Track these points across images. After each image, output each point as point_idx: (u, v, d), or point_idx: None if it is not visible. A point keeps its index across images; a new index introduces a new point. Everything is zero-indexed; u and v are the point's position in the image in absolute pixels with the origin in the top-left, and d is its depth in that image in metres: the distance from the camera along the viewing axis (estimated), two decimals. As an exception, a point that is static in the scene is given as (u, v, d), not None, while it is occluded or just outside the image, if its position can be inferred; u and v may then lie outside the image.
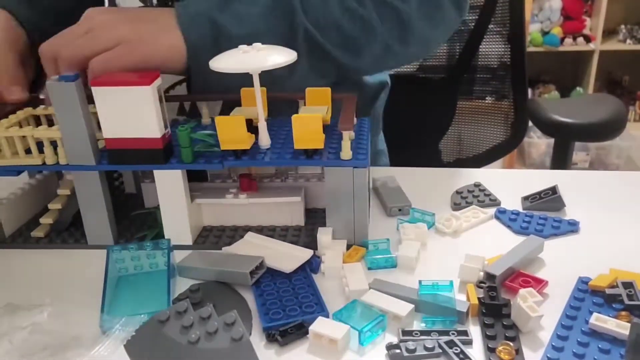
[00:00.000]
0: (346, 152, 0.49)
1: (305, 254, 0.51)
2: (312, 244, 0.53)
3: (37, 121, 0.61)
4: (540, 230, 0.55)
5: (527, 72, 0.95)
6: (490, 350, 0.40)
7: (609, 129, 0.93)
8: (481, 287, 0.45)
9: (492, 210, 0.59)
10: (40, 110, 0.60)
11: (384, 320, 0.42)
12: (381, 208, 0.61)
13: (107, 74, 0.50)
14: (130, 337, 0.40)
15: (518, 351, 0.39)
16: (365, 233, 0.53)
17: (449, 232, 0.56)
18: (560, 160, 0.97)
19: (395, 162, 0.70)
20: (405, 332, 0.42)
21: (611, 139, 1.01)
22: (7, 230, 0.58)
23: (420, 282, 0.45)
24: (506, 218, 0.58)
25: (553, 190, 0.60)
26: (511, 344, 0.39)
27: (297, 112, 0.62)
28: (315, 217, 0.59)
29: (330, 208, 0.52)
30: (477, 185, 0.64)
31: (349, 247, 0.53)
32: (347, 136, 0.49)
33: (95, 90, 0.47)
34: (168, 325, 0.40)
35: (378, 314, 0.43)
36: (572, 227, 0.55)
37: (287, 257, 0.50)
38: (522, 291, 0.43)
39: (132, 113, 0.48)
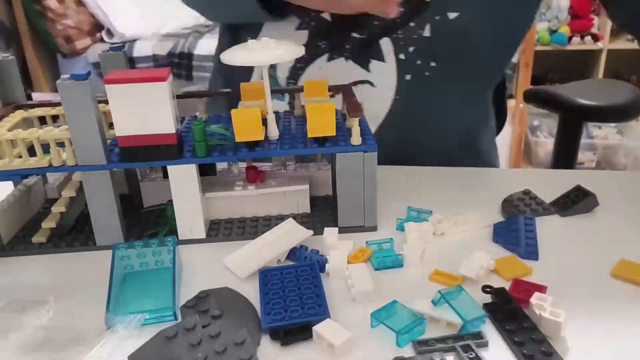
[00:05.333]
0: (356, 138, 0.54)
1: (304, 233, 0.55)
2: (320, 230, 0.57)
3: (29, 124, 0.64)
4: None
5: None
6: (528, 357, 0.41)
7: (624, 110, 1.01)
8: (487, 292, 0.48)
9: (490, 222, 0.60)
10: (32, 112, 0.63)
11: (423, 323, 0.44)
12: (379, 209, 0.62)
13: (119, 72, 0.53)
14: (135, 351, 0.42)
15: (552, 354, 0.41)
16: (374, 216, 0.59)
17: (437, 233, 0.58)
18: (567, 147, 1.04)
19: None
20: (421, 342, 0.43)
21: (626, 120, 1.09)
22: (5, 237, 0.60)
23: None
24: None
25: (580, 189, 0.62)
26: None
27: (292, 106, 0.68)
28: (318, 204, 0.64)
29: (341, 192, 0.57)
30: (526, 193, 0.65)
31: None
32: (357, 122, 0.54)
33: (109, 88, 0.50)
34: (175, 342, 0.42)
35: (417, 316, 0.45)
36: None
37: (285, 241, 0.54)
38: (533, 301, 0.45)
39: (147, 110, 0.51)
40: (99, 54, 0.61)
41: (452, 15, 0.70)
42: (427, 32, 0.70)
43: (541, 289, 0.48)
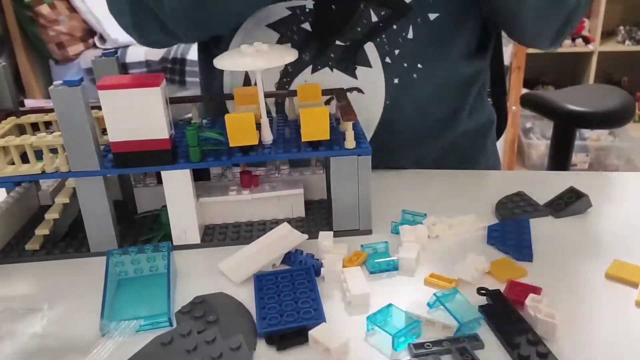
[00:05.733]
0: (350, 142, 0.55)
1: (298, 237, 0.55)
2: (314, 233, 0.57)
3: (22, 131, 0.63)
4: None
5: (504, 69, 1.03)
6: (524, 358, 0.41)
7: (617, 116, 1.02)
8: (482, 294, 0.49)
9: (484, 225, 0.60)
10: (24, 118, 0.63)
11: (419, 326, 0.44)
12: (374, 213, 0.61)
13: (112, 77, 0.53)
14: (130, 357, 0.42)
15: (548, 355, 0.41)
16: (369, 220, 0.59)
17: (432, 236, 0.58)
18: (561, 152, 1.05)
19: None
20: (417, 346, 0.43)
21: (618, 126, 1.11)
22: (-2, 245, 0.60)
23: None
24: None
25: (573, 191, 0.63)
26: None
27: (283, 109, 0.68)
28: (312, 208, 0.64)
29: (336, 196, 0.57)
30: (520, 195, 0.65)
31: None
32: (350, 126, 0.54)
33: (102, 94, 0.50)
34: (171, 348, 0.42)
35: (413, 319, 0.44)
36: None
37: (280, 246, 0.55)
38: (528, 302, 0.45)
39: (141, 115, 0.51)
40: (92, 59, 0.61)
41: (432, 16, 0.70)
42: (410, 35, 0.70)
43: (536, 290, 0.48)
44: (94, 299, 0.49)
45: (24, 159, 0.56)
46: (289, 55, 0.53)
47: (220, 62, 0.52)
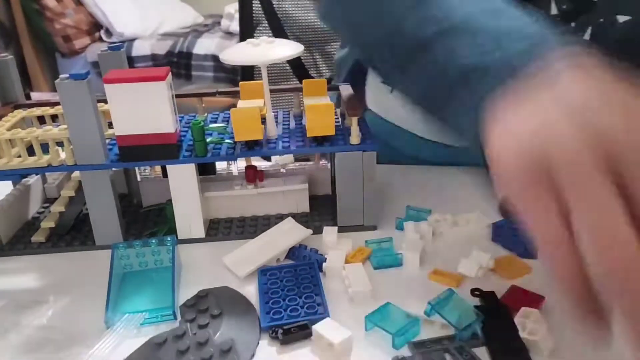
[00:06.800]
0: (355, 137, 0.55)
1: (303, 232, 0.56)
2: (319, 229, 0.57)
3: (28, 124, 0.64)
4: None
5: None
6: None
7: None
8: (476, 296, 0.47)
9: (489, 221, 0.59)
10: (31, 111, 0.63)
11: (418, 324, 0.44)
12: (379, 208, 0.62)
13: (118, 71, 0.53)
14: (125, 358, 0.42)
15: None
16: (374, 215, 0.59)
17: (436, 232, 0.58)
18: None
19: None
20: (418, 345, 0.43)
21: None
22: (4, 237, 0.60)
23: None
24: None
25: None
26: None
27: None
28: (317, 203, 0.64)
29: (341, 192, 0.57)
30: None
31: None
32: (355, 122, 0.54)
33: (109, 88, 0.50)
34: (164, 348, 0.42)
35: (412, 317, 0.44)
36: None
37: (284, 241, 0.55)
38: (516, 319, 0.43)
39: (147, 109, 0.51)
40: (98, 53, 0.61)
41: None
42: None
43: (537, 300, 0.46)
44: (99, 291, 0.49)
45: (31, 151, 0.56)
46: (294, 48, 0.53)
47: (228, 56, 0.52)
